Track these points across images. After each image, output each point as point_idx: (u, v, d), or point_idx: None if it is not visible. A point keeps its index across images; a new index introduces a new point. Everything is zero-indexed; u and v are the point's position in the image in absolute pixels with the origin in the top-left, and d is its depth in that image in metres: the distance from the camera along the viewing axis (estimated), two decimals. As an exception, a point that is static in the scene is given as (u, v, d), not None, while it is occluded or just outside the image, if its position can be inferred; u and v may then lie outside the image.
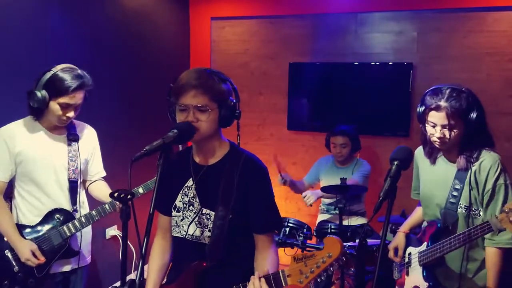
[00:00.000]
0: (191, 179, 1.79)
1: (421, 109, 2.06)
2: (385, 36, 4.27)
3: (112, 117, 3.75)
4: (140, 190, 2.42)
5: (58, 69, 2.24)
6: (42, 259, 2.26)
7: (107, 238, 3.82)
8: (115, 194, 1.46)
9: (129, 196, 1.45)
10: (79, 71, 2.28)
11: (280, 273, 1.54)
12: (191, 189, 1.78)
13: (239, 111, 1.73)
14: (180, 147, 2.16)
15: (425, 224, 2.30)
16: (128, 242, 1.50)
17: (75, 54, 3.35)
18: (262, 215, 1.75)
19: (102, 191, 2.49)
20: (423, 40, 4.14)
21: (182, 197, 1.80)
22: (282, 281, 1.54)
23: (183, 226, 1.79)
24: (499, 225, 1.76)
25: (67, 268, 2.41)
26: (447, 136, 1.98)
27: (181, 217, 1.80)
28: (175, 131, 1.56)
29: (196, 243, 1.76)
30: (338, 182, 3.43)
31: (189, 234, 1.78)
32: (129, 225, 1.48)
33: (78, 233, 2.39)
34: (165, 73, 4.39)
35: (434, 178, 2.17)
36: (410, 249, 2.30)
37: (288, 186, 3.75)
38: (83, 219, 2.35)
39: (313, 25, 4.47)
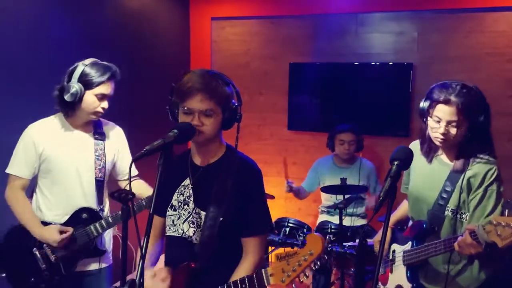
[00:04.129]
0: (188, 178, 1.80)
1: (425, 103, 1.98)
2: (385, 36, 4.27)
3: (112, 117, 3.74)
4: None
5: (87, 62, 2.26)
6: (70, 229, 2.24)
7: (107, 238, 3.81)
8: (115, 194, 1.47)
9: (129, 196, 1.45)
10: (105, 63, 2.31)
11: (263, 272, 1.54)
12: (188, 188, 1.80)
13: (240, 114, 1.75)
14: None
15: (410, 222, 2.25)
16: (128, 242, 1.50)
17: (75, 54, 3.33)
18: (252, 217, 1.75)
19: (142, 190, 2.44)
20: (423, 40, 4.15)
21: (178, 196, 1.81)
22: (265, 280, 1.53)
23: (179, 225, 1.81)
24: (486, 237, 1.68)
25: (91, 267, 2.38)
26: (452, 133, 1.91)
27: (178, 216, 1.81)
28: (176, 131, 1.57)
29: (189, 243, 1.78)
30: (350, 182, 3.46)
31: (185, 233, 1.79)
32: (129, 225, 1.48)
33: (104, 233, 2.38)
34: (165, 73, 4.38)
35: (426, 177, 2.12)
36: (395, 246, 2.24)
37: (293, 193, 3.76)
38: (110, 219, 2.32)
39: (314, 25, 4.48)
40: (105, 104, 2.29)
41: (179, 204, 1.81)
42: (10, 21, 2.88)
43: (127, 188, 2.43)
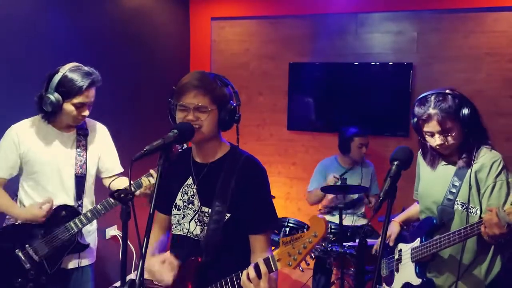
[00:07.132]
0: (190, 177, 1.81)
1: (414, 120, 2.07)
2: (385, 36, 4.27)
3: (112, 117, 3.74)
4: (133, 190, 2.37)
5: (66, 69, 2.21)
6: (51, 200, 2.28)
7: (107, 238, 3.82)
8: (115, 194, 1.46)
9: (129, 196, 1.45)
10: (86, 68, 2.27)
11: (270, 258, 1.55)
12: (191, 188, 1.80)
13: (239, 115, 1.76)
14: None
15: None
16: (128, 242, 1.50)
17: (75, 54, 3.33)
18: (258, 214, 1.75)
19: (124, 185, 2.45)
20: (423, 40, 4.15)
21: (182, 195, 1.82)
22: (273, 266, 1.54)
23: (184, 224, 1.81)
24: (507, 218, 1.70)
25: (76, 264, 2.41)
26: (447, 141, 1.99)
27: (182, 215, 1.82)
28: (175, 131, 1.57)
29: (197, 241, 1.78)
30: (353, 182, 3.47)
31: (190, 232, 1.80)
32: (129, 225, 1.48)
33: (85, 228, 2.40)
34: (165, 73, 4.39)
35: (434, 176, 2.17)
36: (401, 245, 2.27)
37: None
38: (88, 214, 2.34)
39: (313, 25, 4.48)
40: (85, 112, 2.28)
41: (184, 203, 1.81)
42: (9, 21, 2.88)
43: (115, 186, 2.50)
